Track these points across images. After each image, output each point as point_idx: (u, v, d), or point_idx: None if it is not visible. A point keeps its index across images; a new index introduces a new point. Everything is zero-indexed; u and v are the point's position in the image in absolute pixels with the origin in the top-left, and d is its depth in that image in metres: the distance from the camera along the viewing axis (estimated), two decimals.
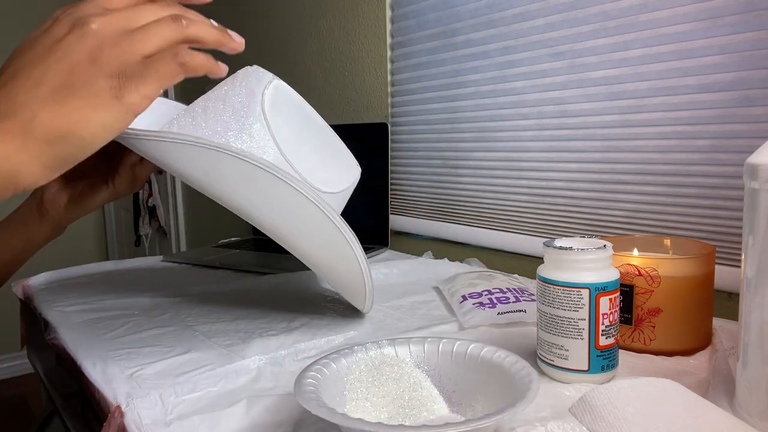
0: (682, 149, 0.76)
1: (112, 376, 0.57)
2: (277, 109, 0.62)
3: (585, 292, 0.50)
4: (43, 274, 0.97)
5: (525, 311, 0.69)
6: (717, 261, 0.64)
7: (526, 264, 0.97)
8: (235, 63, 0.64)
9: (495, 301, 0.72)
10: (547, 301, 0.52)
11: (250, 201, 0.54)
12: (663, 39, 0.76)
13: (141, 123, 0.50)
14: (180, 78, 0.40)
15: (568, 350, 0.51)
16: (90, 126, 0.37)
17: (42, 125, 0.35)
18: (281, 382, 0.55)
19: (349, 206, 1.21)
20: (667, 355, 0.58)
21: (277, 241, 0.59)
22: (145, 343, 0.66)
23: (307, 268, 0.95)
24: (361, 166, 1.21)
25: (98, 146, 0.38)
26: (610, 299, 0.51)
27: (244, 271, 1.01)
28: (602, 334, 0.51)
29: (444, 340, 0.49)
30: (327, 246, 0.58)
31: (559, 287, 0.51)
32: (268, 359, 0.60)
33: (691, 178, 0.75)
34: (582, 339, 0.51)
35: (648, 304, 0.58)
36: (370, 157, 1.18)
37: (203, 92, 0.70)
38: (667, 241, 0.67)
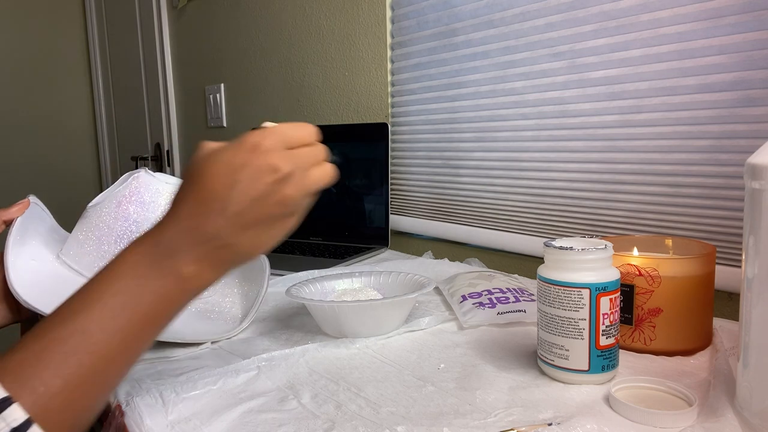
0: (682, 149, 0.76)
1: None
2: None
3: (585, 292, 0.50)
4: None
5: (525, 311, 0.69)
6: (717, 261, 0.64)
7: (526, 264, 0.97)
8: (241, 70, 0.64)
9: (495, 301, 0.72)
10: (547, 301, 0.52)
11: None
12: (663, 39, 0.76)
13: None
14: None
15: (568, 350, 0.51)
16: (267, 246, 0.45)
17: (240, 251, 0.44)
18: (281, 382, 0.55)
19: (349, 206, 1.22)
20: (668, 355, 0.58)
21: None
22: None
23: (307, 269, 0.95)
24: (361, 166, 1.22)
25: None
26: (611, 299, 0.51)
27: None
28: (602, 334, 0.51)
29: (392, 272, 0.76)
30: None
31: (559, 287, 0.51)
32: (268, 359, 0.60)
33: (691, 178, 0.75)
34: (582, 339, 0.51)
35: (648, 304, 0.58)
36: (370, 157, 1.18)
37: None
38: (668, 241, 0.67)
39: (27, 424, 0.34)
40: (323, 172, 0.46)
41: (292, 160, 0.43)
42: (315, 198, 0.46)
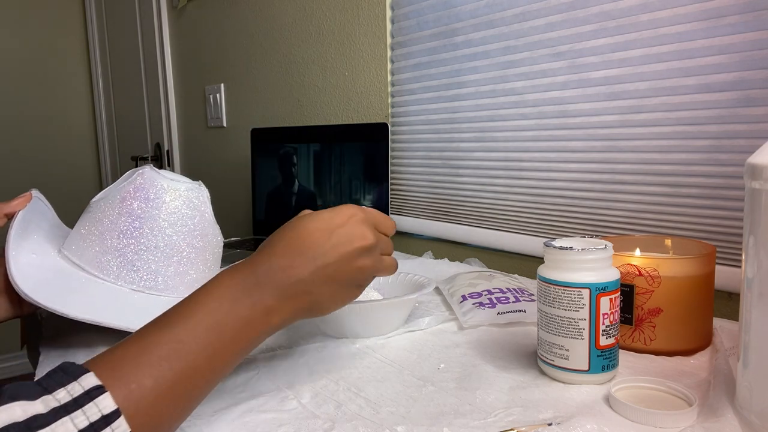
0: (682, 149, 0.76)
1: None
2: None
3: (585, 292, 0.50)
4: None
5: (525, 311, 0.69)
6: (717, 261, 0.64)
7: (526, 264, 0.97)
8: (240, 67, 0.63)
9: (495, 301, 0.72)
10: (547, 301, 0.52)
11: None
12: (663, 39, 0.76)
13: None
14: None
15: (568, 350, 0.51)
16: (335, 308, 0.52)
17: (319, 306, 0.50)
18: (281, 382, 0.55)
19: None
20: (668, 355, 0.58)
21: None
22: None
23: None
24: (361, 166, 1.22)
25: None
26: (611, 299, 0.51)
27: None
28: (602, 334, 0.51)
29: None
30: None
31: (559, 287, 0.51)
32: (268, 359, 0.60)
33: (691, 178, 0.75)
34: (582, 339, 0.51)
35: (648, 304, 0.58)
36: (370, 157, 1.18)
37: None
38: (668, 241, 0.67)
39: (116, 414, 0.36)
40: (392, 262, 0.55)
41: (378, 237, 0.52)
42: (369, 282, 0.54)
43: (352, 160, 1.22)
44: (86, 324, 0.60)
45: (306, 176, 1.30)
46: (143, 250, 0.66)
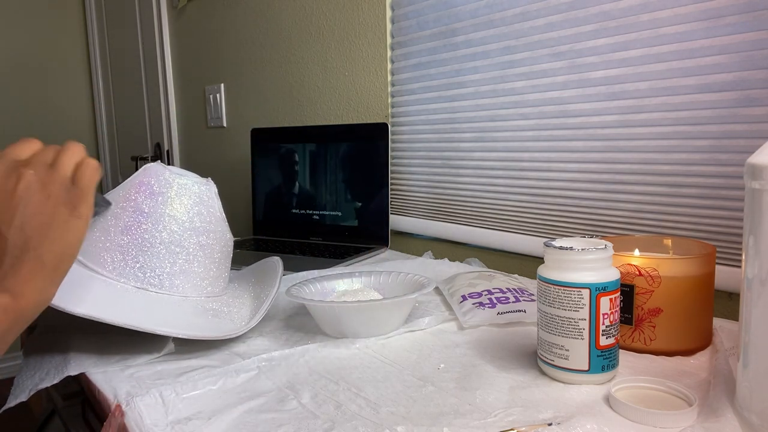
0: (682, 149, 0.76)
1: (113, 375, 0.57)
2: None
3: (585, 292, 0.50)
4: None
5: (525, 311, 0.69)
6: (717, 261, 0.64)
7: (526, 264, 0.97)
8: (236, 65, 0.63)
9: (495, 301, 0.72)
10: (547, 301, 0.52)
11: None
12: (663, 39, 0.76)
13: None
14: (98, 178, 0.52)
15: (568, 350, 0.51)
16: (74, 244, 0.49)
17: (48, 258, 0.46)
18: (281, 382, 0.55)
19: (349, 206, 1.22)
20: (668, 355, 0.58)
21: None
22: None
23: (307, 269, 0.95)
24: (361, 166, 1.22)
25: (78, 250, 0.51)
26: (611, 299, 0.51)
27: None
28: (602, 334, 0.51)
29: (392, 273, 0.76)
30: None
31: (559, 287, 0.51)
32: (268, 359, 0.60)
33: (691, 178, 0.75)
34: (582, 339, 0.51)
35: (648, 304, 0.58)
36: (370, 157, 1.18)
37: None
38: (668, 241, 0.67)
39: None
40: (80, 164, 0.50)
41: (23, 167, 0.47)
42: (96, 191, 0.51)
43: (352, 160, 1.22)
44: (79, 326, 0.59)
45: (306, 176, 1.30)
46: (147, 246, 0.65)
